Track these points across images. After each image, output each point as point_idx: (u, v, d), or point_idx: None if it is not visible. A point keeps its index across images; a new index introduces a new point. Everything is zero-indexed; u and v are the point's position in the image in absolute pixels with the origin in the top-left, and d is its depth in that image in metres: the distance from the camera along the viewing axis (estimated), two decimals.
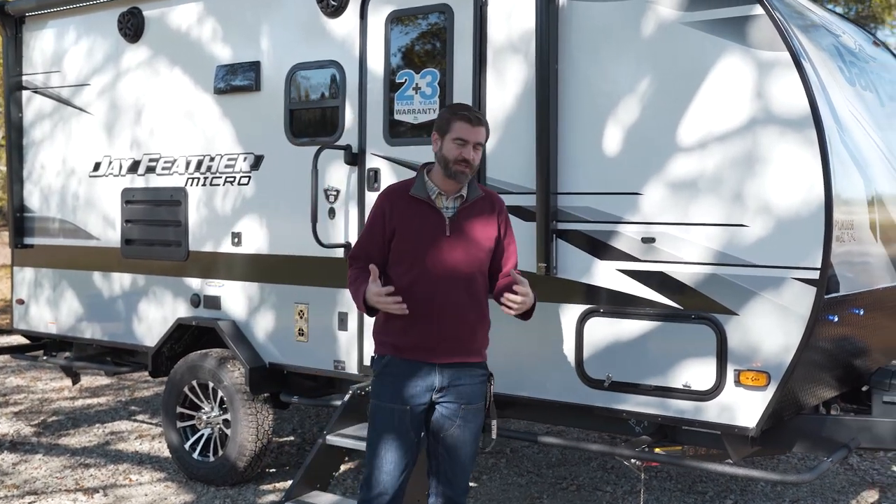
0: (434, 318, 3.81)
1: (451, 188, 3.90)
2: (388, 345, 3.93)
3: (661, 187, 4.45)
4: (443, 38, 5.12)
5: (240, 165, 5.98)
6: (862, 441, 4.59)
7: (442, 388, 3.86)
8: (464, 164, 3.81)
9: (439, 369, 3.86)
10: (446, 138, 3.85)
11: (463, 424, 3.89)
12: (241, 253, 5.97)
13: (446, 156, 3.84)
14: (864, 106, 4.83)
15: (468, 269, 3.87)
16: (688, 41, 4.38)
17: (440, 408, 3.89)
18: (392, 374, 3.90)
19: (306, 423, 7.79)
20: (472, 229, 3.89)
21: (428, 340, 3.82)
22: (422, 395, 3.86)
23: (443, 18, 5.11)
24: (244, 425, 5.86)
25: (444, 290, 3.82)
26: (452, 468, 3.94)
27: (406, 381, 3.86)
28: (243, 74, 5.95)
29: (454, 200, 3.91)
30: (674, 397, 4.46)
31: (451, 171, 3.83)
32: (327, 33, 5.58)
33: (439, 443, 3.93)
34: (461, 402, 3.88)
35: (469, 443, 3.93)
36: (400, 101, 5.26)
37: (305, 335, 5.70)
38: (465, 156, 3.81)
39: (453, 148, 3.82)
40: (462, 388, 3.88)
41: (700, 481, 6.22)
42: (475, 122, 3.84)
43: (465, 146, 3.81)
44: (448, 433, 3.89)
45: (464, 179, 3.85)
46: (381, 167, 5.33)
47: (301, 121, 5.76)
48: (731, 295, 4.29)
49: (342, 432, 5.20)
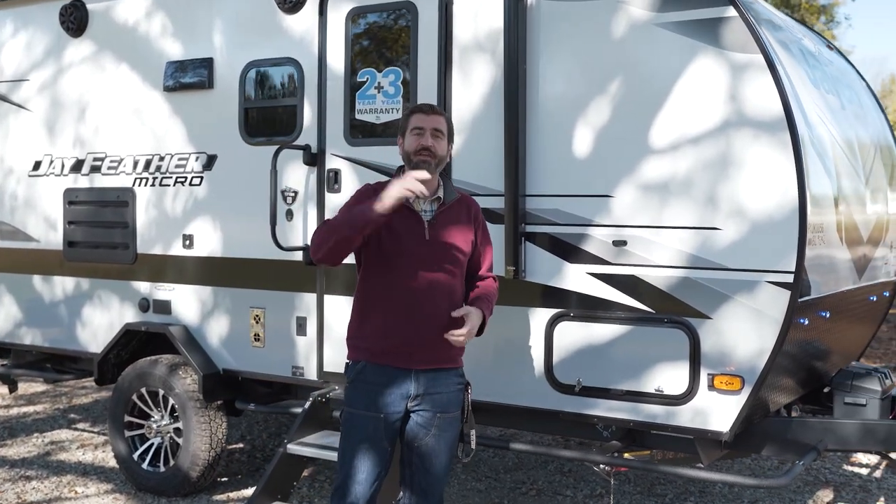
0: (412, 322, 3.72)
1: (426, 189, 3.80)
2: (362, 350, 3.82)
3: (633, 190, 4.40)
4: (406, 36, 5.01)
5: (191, 165, 5.78)
6: (828, 443, 4.61)
7: (417, 395, 3.76)
8: (424, 152, 3.74)
9: (415, 376, 3.76)
10: (406, 134, 3.81)
11: (438, 434, 3.80)
12: (193, 256, 5.78)
13: (408, 150, 3.79)
14: (829, 109, 4.85)
15: (447, 272, 3.78)
16: (659, 42, 4.34)
17: (415, 416, 3.79)
18: (366, 382, 3.78)
19: (254, 429, 7.61)
20: (450, 233, 3.80)
21: (405, 346, 3.73)
22: (397, 403, 3.75)
23: (406, 16, 5.00)
24: (197, 434, 5.67)
25: (422, 294, 3.73)
26: (426, 478, 3.85)
27: (381, 388, 3.75)
28: (195, 71, 5.75)
29: (431, 203, 3.81)
30: (646, 402, 4.42)
31: (413, 163, 3.76)
32: (284, 30, 5.42)
33: (413, 452, 3.83)
34: (436, 411, 3.79)
35: (444, 452, 3.84)
36: (361, 101, 5.13)
37: (262, 340, 5.53)
38: (423, 143, 3.74)
39: (412, 140, 3.77)
40: (438, 396, 3.79)
41: (659, 484, 6.21)
42: (429, 111, 3.81)
43: (422, 134, 3.75)
44: (422, 442, 3.80)
45: (429, 168, 3.74)
46: (342, 168, 5.20)
47: (256, 120, 5.59)
48: (704, 298, 4.26)
49: (303, 441, 5.06)
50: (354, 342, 3.87)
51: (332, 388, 5.25)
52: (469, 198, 4.01)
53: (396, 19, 5.07)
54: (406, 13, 4.99)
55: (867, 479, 6.38)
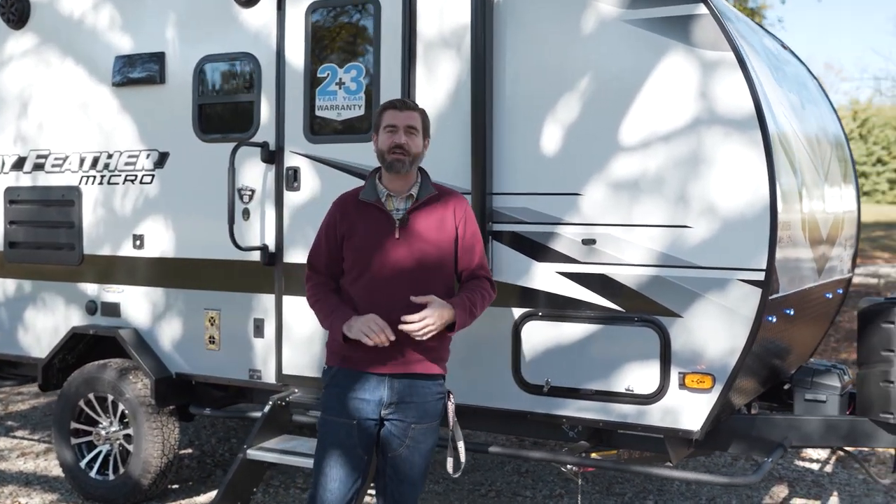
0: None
1: (399, 187, 3.72)
2: (336, 354, 3.71)
3: (603, 188, 4.36)
4: (369, 31, 4.91)
5: (142, 163, 5.59)
6: (792, 439, 4.63)
7: (391, 403, 3.66)
8: (398, 150, 3.66)
9: (389, 382, 3.65)
10: (380, 132, 3.73)
11: (412, 445, 3.70)
12: (144, 256, 5.59)
13: (381, 148, 3.71)
14: (791, 107, 4.88)
15: (421, 271, 3.67)
16: (629, 39, 4.31)
17: (389, 425, 3.69)
18: (339, 386, 3.69)
19: (202, 433, 7.42)
20: (425, 231, 3.70)
21: (379, 352, 3.60)
22: (370, 409, 3.65)
23: (369, 10, 4.89)
24: (149, 440, 5.49)
25: (394, 296, 3.62)
26: (400, 489, 3.75)
27: (352, 393, 3.66)
28: (144, 66, 5.57)
29: (404, 201, 3.72)
30: (616, 401, 4.39)
31: (387, 161, 3.68)
32: (240, 24, 5.28)
33: (387, 462, 3.73)
34: (410, 421, 3.68)
35: (418, 464, 3.74)
36: (322, 97, 5.01)
37: (217, 343, 5.38)
38: (396, 141, 3.66)
39: (386, 137, 3.69)
40: (412, 405, 3.68)
41: (618, 483, 6.20)
42: (402, 107, 3.74)
43: (395, 132, 3.68)
44: (396, 453, 3.70)
45: (401, 167, 3.67)
46: (302, 166, 5.07)
47: (211, 116, 5.43)
48: (674, 297, 4.24)
49: (263, 446, 4.94)
50: (330, 347, 3.77)
51: (292, 392, 5.13)
52: (452, 194, 3.87)
53: (358, 13, 4.96)
54: (368, 7, 4.88)
55: (819, 474, 6.46)
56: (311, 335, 5.03)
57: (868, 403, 4.59)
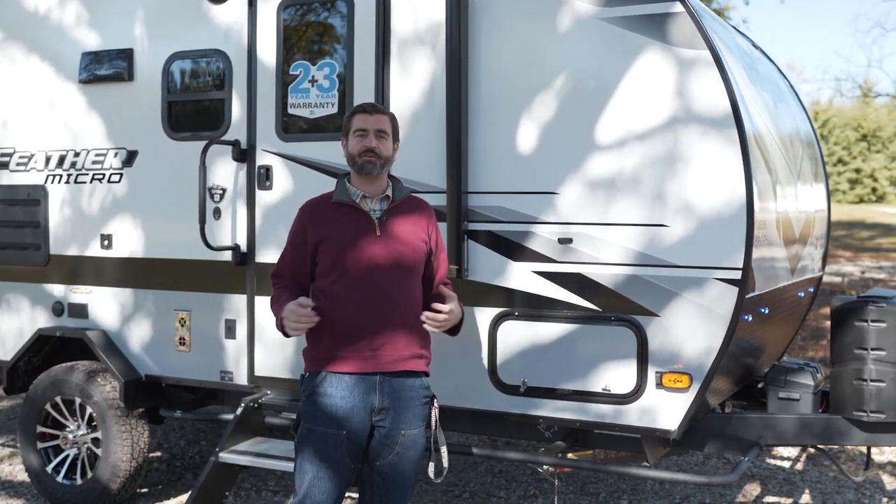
0: (374, 321, 3.58)
1: (373, 189, 3.70)
2: (321, 360, 3.63)
3: (579, 186, 4.34)
4: (342, 27, 4.85)
5: (110, 161, 5.49)
6: (767, 438, 4.64)
7: (382, 408, 3.60)
8: (369, 153, 3.64)
9: (380, 385, 3.59)
10: (349, 136, 3.72)
11: (402, 452, 3.65)
12: (112, 256, 5.49)
13: (352, 152, 3.70)
14: (765, 107, 4.89)
15: (403, 269, 3.67)
16: (605, 37, 4.29)
17: (378, 433, 3.62)
18: (327, 395, 3.60)
19: (171, 436, 7.31)
20: (402, 229, 3.69)
21: (369, 347, 3.57)
22: (361, 418, 3.58)
23: (342, 7, 4.84)
24: (118, 444, 5.39)
25: (380, 292, 3.59)
26: (389, 497, 3.68)
27: (343, 401, 3.58)
28: (112, 63, 5.47)
29: (380, 202, 3.69)
30: (593, 401, 4.37)
31: (358, 164, 3.66)
32: (210, 20, 5.20)
33: (375, 472, 3.67)
34: (401, 428, 3.63)
35: (408, 471, 3.69)
36: (294, 95, 4.95)
37: (187, 345, 5.29)
38: (367, 145, 3.64)
39: (356, 141, 3.67)
40: (402, 411, 3.63)
41: (591, 482, 6.19)
42: (371, 111, 3.73)
43: (365, 136, 3.66)
44: (385, 461, 3.64)
45: (372, 169, 3.65)
46: (274, 164, 5.01)
47: (181, 114, 5.34)
48: (651, 296, 4.23)
49: (236, 449, 4.87)
50: (311, 352, 3.69)
51: (265, 393, 5.06)
52: (423, 200, 3.92)
53: (331, 10, 4.90)
54: (341, 4, 4.83)
55: (790, 471, 6.49)
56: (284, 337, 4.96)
57: (842, 401, 4.60)
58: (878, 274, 18.54)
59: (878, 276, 18.17)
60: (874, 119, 54.48)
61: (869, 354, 4.55)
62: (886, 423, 4.51)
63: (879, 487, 6.17)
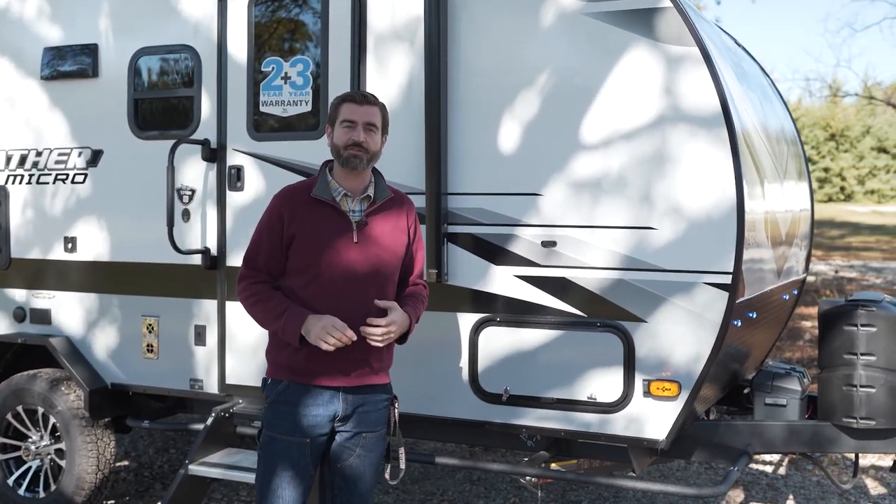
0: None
1: (355, 186, 3.49)
2: (283, 368, 3.46)
3: (563, 188, 4.19)
4: (316, 22, 4.67)
5: (73, 161, 5.28)
6: (755, 446, 4.51)
7: (345, 416, 3.45)
8: (355, 147, 3.42)
9: (343, 395, 3.44)
10: (336, 125, 3.48)
11: (363, 454, 3.51)
12: (77, 260, 5.28)
13: (337, 143, 3.46)
14: (752, 105, 4.76)
15: (377, 279, 3.47)
16: (591, 32, 4.14)
17: (339, 436, 3.49)
18: (290, 403, 3.43)
19: (139, 444, 7.10)
20: (381, 235, 3.49)
21: (333, 363, 3.38)
22: (323, 425, 3.44)
23: (315, 1, 4.65)
24: (83, 454, 5.18)
25: (350, 303, 3.39)
26: (350, 499, 3.54)
27: (306, 410, 3.42)
28: (76, 59, 5.26)
29: (360, 202, 3.49)
30: (578, 410, 4.22)
31: (343, 157, 3.44)
32: (179, 14, 5.00)
33: (336, 474, 3.53)
34: (362, 431, 3.49)
35: (368, 473, 3.55)
36: (266, 92, 4.76)
37: (155, 352, 5.09)
38: (354, 138, 3.42)
39: (342, 133, 3.44)
40: (364, 415, 3.49)
41: (572, 490, 6.05)
42: (361, 101, 3.48)
43: (353, 128, 3.43)
44: (346, 463, 3.50)
45: (358, 164, 3.43)
46: (245, 164, 4.82)
47: (148, 112, 5.13)
48: (638, 301, 4.08)
49: (206, 460, 4.68)
50: (275, 357, 3.51)
51: (236, 402, 4.87)
52: (404, 196, 3.68)
53: (305, 4, 4.72)
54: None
55: (773, 476, 6.39)
56: (257, 343, 4.79)
57: (831, 408, 4.49)
58: (850, 273, 18.61)
59: (850, 274, 18.23)
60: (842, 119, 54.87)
61: (859, 360, 4.45)
62: (877, 429, 4.40)
63: (864, 492, 6.08)
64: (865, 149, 54.66)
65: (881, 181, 54.77)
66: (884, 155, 54.89)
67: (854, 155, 54.90)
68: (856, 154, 54.90)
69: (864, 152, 54.64)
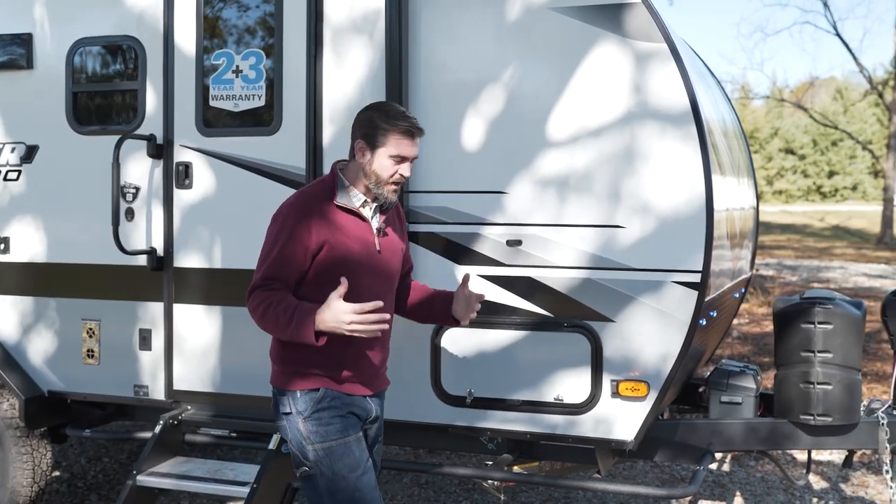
0: (373, 344, 3.31)
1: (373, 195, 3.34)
2: (312, 377, 3.26)
3: (529, 186, 4.11)
4: (269, 13, 4.51)
5: (6, 157, 5.00)
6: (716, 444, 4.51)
7: (375, 418, 3.45)
8: (397, 185, 3.28)
9: (372, 398, 3.42)
10: (379, 152, 3.22)
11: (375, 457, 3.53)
12: (10, 261, 5.00)
13: (379, 174, 3.23)
14: (713, 105, 4.76)
15: (393, 283, 3.47)
16: (557, 28, 4.07)
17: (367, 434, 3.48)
18: (332, 407, 3.26)
19: (69, 452, 6.79)
20: (392, 241, 3.43)
21: (367, 370, 3.35)
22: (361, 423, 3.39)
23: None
24: (17, 466, 4.92)
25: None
26: None
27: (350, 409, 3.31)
28: (8, 49, 4.98)
29: (373, 209, 3.35)
30: (544, 412, 4.15)
31: (381, 190, 3.26)
32: (121, 3, 4.77)
33: None
34: (379, 435, 3.53)
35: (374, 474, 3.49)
36: (216, 86, 4.58)
37: (96, 357, 4.86)
38: (403, 175, 3.25)
39: (389, 166, 3.23)
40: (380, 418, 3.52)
41: (522, 491, 5.98)
42: (417, 134, 3.26)
43: (402, 163, 3.24)
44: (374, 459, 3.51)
45: (394, 200, 3.32)
46: (194, 161, 4.62)
47: (88, 106, 4.89)
48: (606, 301, 4.03)
49: (155, 470, 4.48)
50: (300, 368, 3.26)
51: (185, 409, 4.67)
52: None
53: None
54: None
55: (719, 473, 6.42)
56: (206, 346, 4.61)
57: (788, 405, 4.51)
58: (767, 271, 19.03)
59: (768, 272, 18.65)
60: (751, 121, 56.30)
61: (815, 357, 4.47)
62: (833, 426, 4.44)
63: (808, 488, 6.15)
64: (774, 150, 56.21)
65: (789, 181, 56.40)
66: (791, 156, 56.52)
67: (763, 156, 56.40)
68: (765, 155, 56.40)
69: (772, 153, 56.18)
